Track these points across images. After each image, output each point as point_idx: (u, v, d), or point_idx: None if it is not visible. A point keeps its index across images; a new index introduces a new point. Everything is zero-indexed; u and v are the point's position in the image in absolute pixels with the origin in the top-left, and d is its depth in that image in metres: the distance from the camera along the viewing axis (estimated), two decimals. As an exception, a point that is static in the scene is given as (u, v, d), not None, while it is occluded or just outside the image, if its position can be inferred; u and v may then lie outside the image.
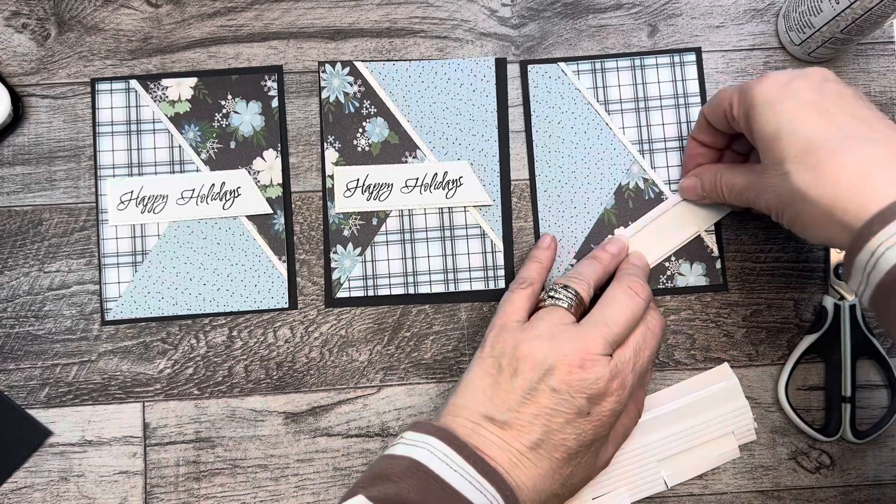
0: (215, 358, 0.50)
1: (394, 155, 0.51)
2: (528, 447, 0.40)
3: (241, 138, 0.51)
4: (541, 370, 0.40)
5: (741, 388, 0.49)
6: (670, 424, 0.49)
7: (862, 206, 0.36)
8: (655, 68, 0.52)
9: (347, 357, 0.50)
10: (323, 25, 0.53)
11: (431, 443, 0.39)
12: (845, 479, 0.50)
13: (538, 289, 0.46)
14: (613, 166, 0.52)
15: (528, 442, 0.40)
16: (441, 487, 0.38)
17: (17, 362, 0.49)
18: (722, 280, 0.51)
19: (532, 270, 0.47)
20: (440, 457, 0.39)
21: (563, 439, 0.40)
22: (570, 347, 0.41)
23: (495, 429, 0.41)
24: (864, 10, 0.45)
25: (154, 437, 0.49)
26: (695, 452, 0.49)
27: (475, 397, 0.42)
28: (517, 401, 0.41)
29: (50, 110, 0.51)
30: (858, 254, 0.36)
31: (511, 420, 0.40)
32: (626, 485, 0.48)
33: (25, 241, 0.50)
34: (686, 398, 0.49)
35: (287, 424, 0.49)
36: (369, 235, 0.51)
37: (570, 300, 0.44)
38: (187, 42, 0.52)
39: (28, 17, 0.52)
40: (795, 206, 0.40)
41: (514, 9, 0.53)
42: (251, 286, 0.50)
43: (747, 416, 0.49)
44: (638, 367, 0.42)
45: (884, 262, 0.35)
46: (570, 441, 0.40)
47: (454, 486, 0.38)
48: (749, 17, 0.53)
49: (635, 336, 0.43)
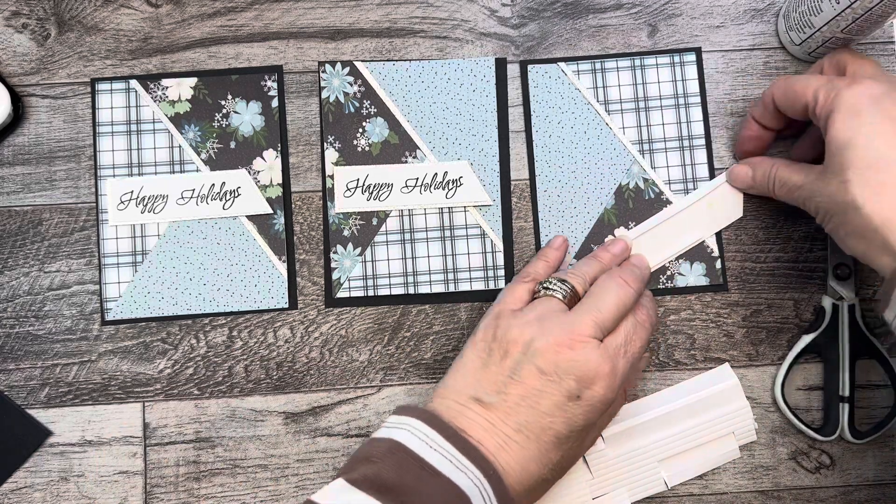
0: (215, 358, 0.50)
1: (394, 155, 0.51)
2: (514, 429, 0.40)
3: (241, 138, 0.51)
4: (528, 350, 0.40)
5: (742, 389, 0.49)
6: (670, 425, 0.49)
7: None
8: (655, 68, 0.52)
9: (347, 357, 0.50)
10: (323, 25, 0.53)
11: (413, 424, 0.39)
12: (845, 479, 0.50)
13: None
14: (613, 166, 0.52)
15: (514, 424, 0.40)
16: (420, 466, 0.37)
17: (17, 362, 0.49)
18: (722, 280, 0.51)
19: (538, 267, 0.47)
20: (420, 437, 0.39)
21: (551, 423, 0.40)
22: (558, 330, 0.41)
23: (482, 410, 0.40)
24: (864, 10, 0.45)
25: (154, 437, 0.49)
26: (695, 453, 0.49)
27: (465, 380, 0.42)
28: (504, 381, 0.40)
29: (50, 110, 0.51)
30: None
31: (498, 402, 0.40)
32: (626, 485, 0.48)
33: (25, 241, 0.50)
34: (686, 399, 0.49)
35: (287, 424, 0.49)
36: (369, 235, 0.51)
37: (564, 292, 0.43)
38: (187, 42, 0.52)
39: (28, 17, 0.52)
40: (846, 215, 0.40)
41: (514, 9, 0.53)
42: (251, 286, 0.50)
43: (748, 417, 0.49)
44: (629, 356, 0.42)
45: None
46: (558, 425, 0.40)
47: (433, 465, 0.38)
48: (749, 17, 0.53)
49: (625, 325, 0.43)
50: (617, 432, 0.49)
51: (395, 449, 0.38)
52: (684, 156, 0.52)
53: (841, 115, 0.41)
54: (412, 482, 0.37)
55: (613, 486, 0.48)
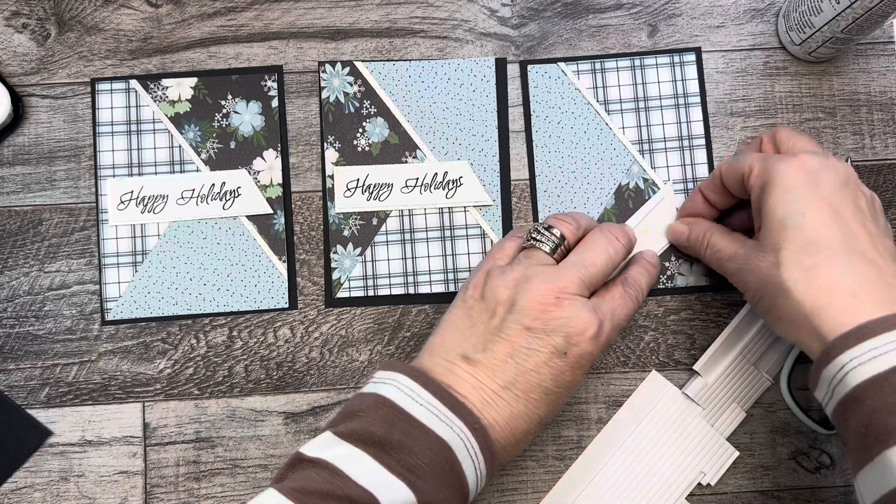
0: (215, 358, 0.50)
1: (394, 155, 0.51)
2: (501, 386, 0.40)
3: (241, 138, 0.51)
4: (513, 309, 0.40)
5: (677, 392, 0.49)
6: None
7: (842, 322, 0.37)
8: (655, 68, 0.52)
9: (347, 357, 0.50)
10: (323, 25, 0.53)
11: (399, 379, 0.40)
12: (845, 479, 0.50)
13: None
14: (613, 166, 0.52)
15: (501, 381, 0.40)
16: (406, 420, 0.38)
17: (17, 362, 0.49)
18: (723, 280, 0.51)
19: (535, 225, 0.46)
20: (406, 392, 0.39)
21: (540, 380, 0.40)
22: (544, 287, 0.40)
23: (469, 367, 0.40)
24: (864, 10, 0.45)
25: (154, 437, 0.49)
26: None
27: (453, 337, 0.42)
28: (491, 339, 0.41)
29: (50, 110, 0.51)
30: (828, 365, 0.37)
31: (485, 359, 0.40)
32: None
33: (25, 241, 0.50)
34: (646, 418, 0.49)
35: (287, 424, 0.49)
36: (369, 235, 0.51)
37: (552, 243, 0.43)
38: (187, 42, 0.52)
39: (28, 17, 0.52)
40: (775, 298, 0.40)
41: (514, 9, 0.53)
42: (251, 286, 0.50)
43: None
44: (615, 321, 0.42)
45: (851, 378, 0.36)
46: (547, 382, 0.40)
47: (419, 419, 0.38)
48: (749, 17, 0.53)
49: (613, 292, 0.43)
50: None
51: (382, 403, 0.39)
52: (684, 156, 0.52)
53: (776, 189, 0.40)
54: (398, 436, 0.37)
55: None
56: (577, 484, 0.49)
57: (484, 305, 0.42)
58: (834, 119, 0.52)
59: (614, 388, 0.50)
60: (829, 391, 0.38)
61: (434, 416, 0.38)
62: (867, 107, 0.53)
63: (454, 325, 0.42)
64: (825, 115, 0.52)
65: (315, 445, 0.38)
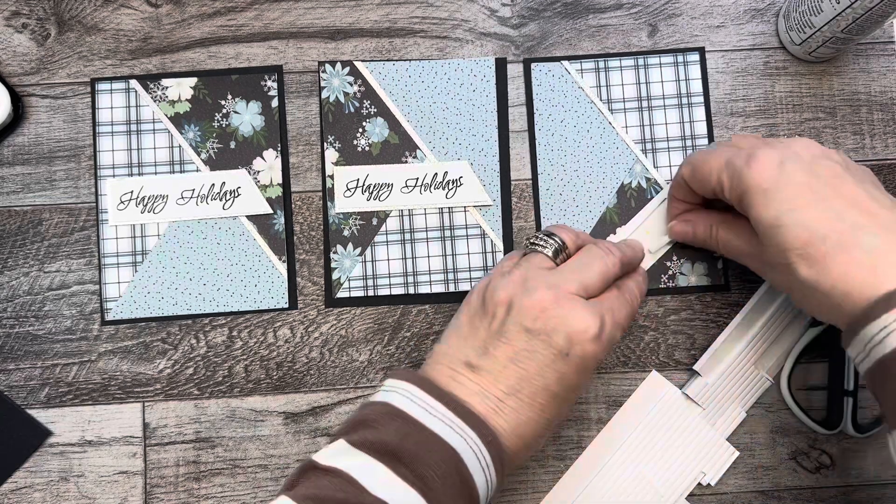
0: (215, 358, 0.50)
1: (394, 155, 0.51)
2: (505, 393, 0.40)
3: (241, 138, 0.51)
4: (513, 310, 0.40)
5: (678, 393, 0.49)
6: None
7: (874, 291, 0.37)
8: (659, 67, 0.52)
9: (347, 357, 0.50)
10: (323, 25, 0.53)
11: (408, 389, 0.40)
12: (845, 479, 0.50)
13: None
14: (616, 165, 0.52)
15: (505, 387, 0.40)
16: (419, 431, 0.38)
17: (17, 362, 0.49)
18: (723, 280, 0.51)
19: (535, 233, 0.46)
20: (418, 402, 0.39)
21: (545, 384, 0.40)
22: (542, 288, 0.40)
23: (473, 375, 0.40)
24: (864, 10, 0.45)
25: (154, 437, 0.49)
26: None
27: (456, 344, 0.42)
28: (491, 342, 0.40)
29: (50, 110, 0.51)
30: (867, 325, 0.37)
31: (487, 364, 0.40)
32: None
33: (25, 241, 0.50)
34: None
35: (287, 424, 0.49)
36: (369, 235, 0.51)
37: (553, 247, 0.43)
38: (187, 42, 0.52)
39: (28, 17, 0.52)
40: (803, 293, 0.40)
41: (514, 9, 0.53)
42: (251, 286, 0.50)
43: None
44: (616, 319, 0.42)
45: (891, 339, 0.36)
46: (552, 385, 0.40)
47: (432, 429, 0.38)
48: (749, 17, 0.53)
49: (610, 295, 0.43)
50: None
51: (394, 414, 0.39)
52: (687, 155, 0.52)
53: (752, 197, 0.41)
54: (411, 446, 0.37)
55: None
56: (577, 484, 0.49)
57: (484, 309, 0.42)
58: (834, 119, 0.52)
59: (614, 388, 0.50)
60: (864, 351, 0.38)
61: (447, 427, 0.38)
62: (867, 107, 0.53)
63: (457, 332, 0.42)
64: (825, 115, 0.52)
65: (328, 454, 0.38)
